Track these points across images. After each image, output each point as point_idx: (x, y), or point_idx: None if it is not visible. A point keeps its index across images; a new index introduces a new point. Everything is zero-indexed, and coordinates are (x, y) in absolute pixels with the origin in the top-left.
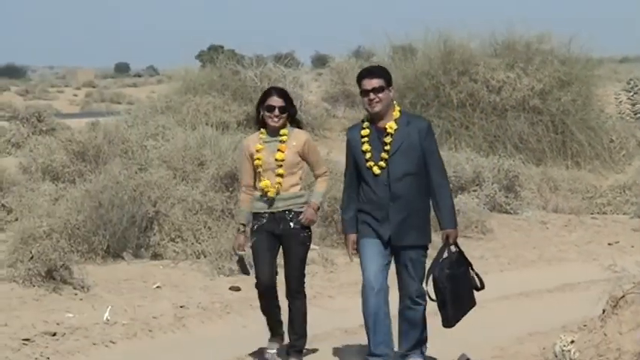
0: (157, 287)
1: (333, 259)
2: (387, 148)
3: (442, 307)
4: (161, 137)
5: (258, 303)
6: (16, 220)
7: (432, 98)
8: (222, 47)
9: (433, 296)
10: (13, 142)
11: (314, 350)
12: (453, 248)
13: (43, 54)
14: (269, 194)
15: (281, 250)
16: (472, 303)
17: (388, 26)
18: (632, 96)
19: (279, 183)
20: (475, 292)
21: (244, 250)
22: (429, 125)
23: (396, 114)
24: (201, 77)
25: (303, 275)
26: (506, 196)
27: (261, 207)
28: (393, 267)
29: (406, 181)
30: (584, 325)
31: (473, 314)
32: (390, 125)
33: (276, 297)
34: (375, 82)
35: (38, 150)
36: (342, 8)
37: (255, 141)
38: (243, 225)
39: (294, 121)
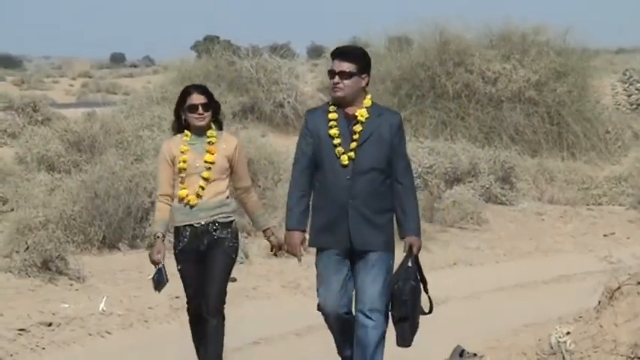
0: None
1: None
2: (356, 137)
3: (402, 322)
4: (157, 128)
5: (254, 293)
6: (12, 210)
7: (428, 89)
8: (217, 38)
9: (394, 312)
10: (9, 132)
11: None
12: (410, 263)
13: (39, 44)
14: (190, 202)
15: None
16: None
17: (385, 18)
18: (628, 87)
19: (202, 187)
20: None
21: (162, 261)
22: (401, 120)
23: (368, 102)
24: (197, 68)
25: (225, 292)
26: (502, 188)
27: (182, 220)
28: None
29: (371, 176)
30: (580, 317)
31: (468, 305)
32: (361, 113)
33: None
34: (345, 66)
35: (34, 140)
36: None
37: (179, 143)
38: (162, 233)
39: (217, 120)
